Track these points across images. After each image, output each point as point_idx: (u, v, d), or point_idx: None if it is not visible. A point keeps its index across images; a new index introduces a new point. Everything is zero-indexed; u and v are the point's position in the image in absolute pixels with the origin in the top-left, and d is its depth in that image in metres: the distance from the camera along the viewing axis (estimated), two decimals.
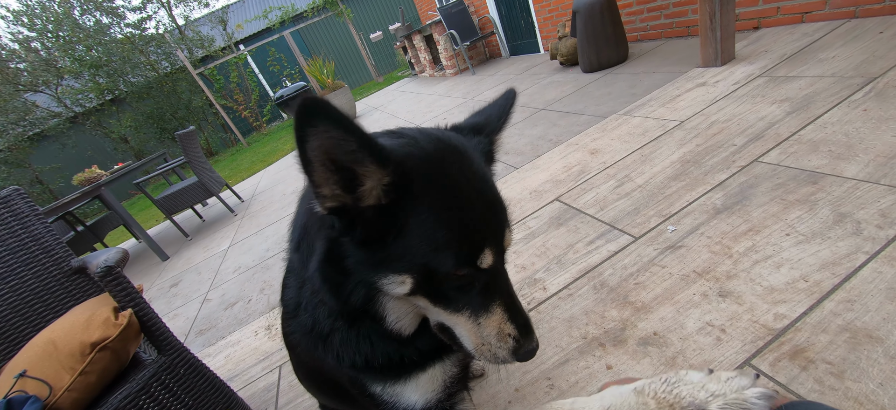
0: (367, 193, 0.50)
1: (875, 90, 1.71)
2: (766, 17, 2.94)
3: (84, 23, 11.81)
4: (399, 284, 0.55)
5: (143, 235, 4.17)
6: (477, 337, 0.60)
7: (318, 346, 0.68)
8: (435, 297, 0.58)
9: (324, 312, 0.67)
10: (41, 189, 12.12)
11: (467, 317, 0.59)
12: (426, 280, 0.55)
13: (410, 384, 0.67)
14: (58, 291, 1.37)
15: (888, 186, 1.24)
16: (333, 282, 0.57)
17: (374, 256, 0.55)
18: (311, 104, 0.40)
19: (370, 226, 0.53)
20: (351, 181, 0.48)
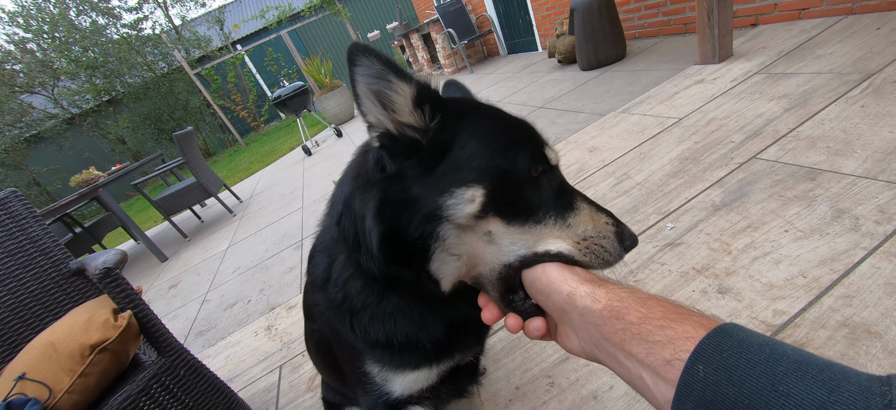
0: (400, 108, 0.52)
1: (872, 86, 1.71)
2: (763, 13, 2.94)
3: (80, 23, 11.77)
4: (468, 202, 0.51)
5: (141, 236, 4.16)
6: (573, 237, 0.54)
7: (346, 321, 0.68)
8: (511, 214, 0.53)
9: (356, 286, 0.66)
10: (38, 191, 12.07)
11: (553, 223, 0.54)
12: (498, 190, 0.52)
13: (399, 376, 0.69)
14: (56, 293, 1.37)
15: (886, 182, 1.25)
16: (390, 227, 0.54)
17: (435, 174, 0.52)
18: (354, 48, 0.49)
19: (421, 149, 0.53)
20: (386, 104, 0.51)
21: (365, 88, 0.50)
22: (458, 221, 0.52)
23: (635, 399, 1.00)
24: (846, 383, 0.27)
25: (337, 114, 7.42)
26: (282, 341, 1.88)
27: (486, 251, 0.55)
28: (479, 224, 0.53)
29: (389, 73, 0.50)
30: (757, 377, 0.30)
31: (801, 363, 0.29)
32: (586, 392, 1.07)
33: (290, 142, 8.34)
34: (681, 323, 0.38)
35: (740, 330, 0.34)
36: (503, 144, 0.53)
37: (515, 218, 0.53)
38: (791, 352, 0.31)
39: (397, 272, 0.59)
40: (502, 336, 1.36)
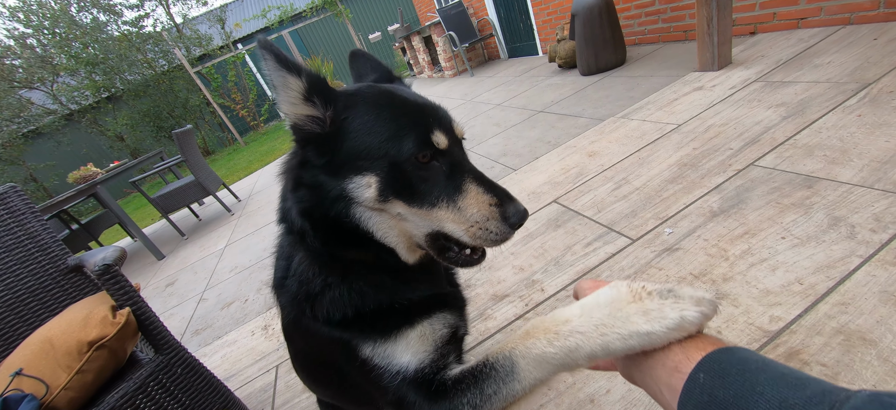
0: (295, 99, 0.57)
1: (869, 96, 1.73)
2: (762, 22, 2.97)
3: (81, 20, 11.75)
4: (365, 187, 0.58)
5: (138, 234, 4.15)
6: (463, 222, 0.60)
7: (306, 310, 0.67)
8: (409, 197, 0.59)
9: (313, 270, 0.67)
10: (35, 187, 12.03)
11: (447, 207, 0.60)
12: (391, 177, 0.58)
13: (401, 342, 0.64)
14: (54, 289, 1.36)
15: (882, 191, 1.26)
16: (307, 200, 0.61)
17: (333, 161, 0.59)
18: (260, 42, 0.55)
19: (321, 139, 0.59)
20: (287, 93, 0.57)
21: (273, 80, 0.55)
22: (366, 204, 0.59)
23: (631, 402, 1.01)
24: (813, 386, 0.31)
25: None
26: (279, 341, 1.88)
27: (406, 226, 0.63)
28: (386, 205, 0.60)
29: (281, 68, 0.54)
30: (743, 383, 0.34)
31: (785, 374, 0.34)
32: (583, 396, 1.07)
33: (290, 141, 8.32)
34: (695, 346, 0.41)
35: (745, 351, 0.38)
36: (390, 133, 0.58)
37: (414, 201, 0.59)
38: (781, 367, 0.35)
39: (342, 251, 0.63)
40: (499, 339, 1.36)
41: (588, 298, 0.49)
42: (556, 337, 0.49)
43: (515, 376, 0.54)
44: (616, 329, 0.44)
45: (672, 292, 0.44)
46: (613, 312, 0.45)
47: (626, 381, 0.50)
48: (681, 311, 0.42)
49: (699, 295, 0.43)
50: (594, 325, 0.46)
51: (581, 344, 0.47)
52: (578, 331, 0.47)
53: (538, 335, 0.52)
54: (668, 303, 0.43)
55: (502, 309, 1.47)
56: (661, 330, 0.42)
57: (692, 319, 0.41)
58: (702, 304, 0.42)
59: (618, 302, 0.46)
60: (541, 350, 0.50)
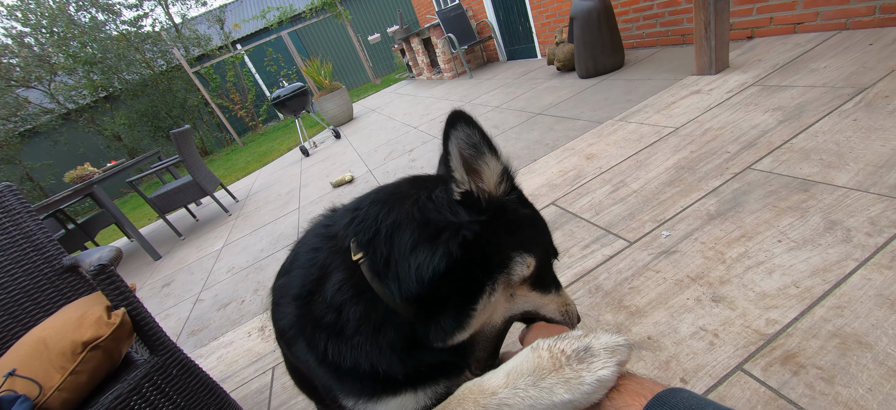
0: (487, 178, 0.60)
1: (865, 100, 1.74)
2: (759, 27, 2.98)
3: (79, 19, 11.72)
4: (526, 266, 0.63)
5: (135, 234, 4.13)
6: (562, 306, 0.73)
7: (320, 343, 0.62)
8: (536, 284, 0.67)
9: (355, 312, 0.60)
10: (31, 186, 11.97)
11: (555, 294, 0.72)
12: (539, 264, 0.65)
13: (379, 406, 0.62)
14: (49, 289, 1.35)
15: (877, 195, 1.27)
16: (456, 261, 0.57)
17: (513, 237, 0.63)
18: (456, 114, 0.57)
19: (498, 213, 0.62)
20: (474, 171, 0.60)
21: (456, 150, 0.57)
22: (512, 279, 0.62)
23: None
24: None
25: (336, 115, 7.42)
26: (275, 342, 1.87)
27: (503, 308, 0.66)
28: (518, 286, 0.65)
29: (483, 142, 0.58)
30: None
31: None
32: None
33: (288, 142, 8.32)
34: (633, 392, 0.43)
35: (676, 394, 0.39)
36: (546, 238, 0.70)
37: (537, 287, 0.68)
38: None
39: (411, 309, 0.59)
40: None
41: (514, 364, 0.50)
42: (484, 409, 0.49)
43: None
44: (541, 401, 0.45)
45: (588, 350, 0.45)
46: (537, 382, 0.46)
47: None
48: (597, 373, 0.44)
49: (614, 344, 0.45)
50: (520, 398, 0.47)
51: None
52: (506, 405, 0.48)
53: (467, 405, 0.51)
54: (584, 366, 0.45)
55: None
56: (582, 398, 0.44)
57: (608, 377, 0.43)
58: (617, 353, 0.45)
59: (540, 370, 0.47)
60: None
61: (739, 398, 0.93)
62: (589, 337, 0.47)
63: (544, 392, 0.45)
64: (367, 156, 4.45)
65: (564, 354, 0.46)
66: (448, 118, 0.56)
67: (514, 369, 0.49)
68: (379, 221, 0.60)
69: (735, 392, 0.94)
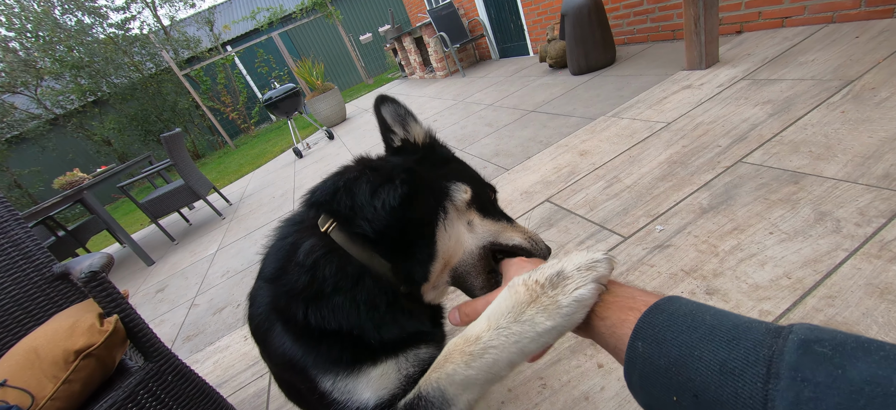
0: (416, 135, 0.79)
1: (852, 93, 1.77)
2: (748, 21, 3.02)
3: (65, 23, 11.53)
4: (463, 192, 0.73)
5: (127, 240, 4.08)
6: (522, 234, 0.76)
7: (299, 313, 0.62)
8: (483, 211, 0.75)
9: (329, 269, 0.62)
10: (20, 193, 11.77)
11: (508, 223, 0.77)
12: (476, 193, 0.75)
13: (362, 379, 0.61)
14: (39, 298, 1.33)
15: (865, 185, 1.29)
16: (411, 191, 0.67)
17: (441, 172, 0.75)
18: (380, 98, 0.78)
19: (429, 154, 0.79)
20: (408, 130, 0.79)
21: (390, 118, 0.78)
22: (456, 204, 0.71)
23: (626, 400, 1.01)
24: (745, 339, 0.31)
25: (328, 116, 7.38)
26: None
27: (467, 237, 0.72)
28: (466, 212, 0.73)
29: (408, 116, 0.79)
30: (680, 345, 0.34)
31: (714, 327, 0.33)
32: (578, 393, 1.08)
33: (281, 144, 8.27)
34: (625, 305, 0.42)
35: (673, 302, 0.38)
36: (473, 173, 0.83)
37: (487, 214, 0.75)
38: (709, 318, 0.35)
39: (379, 250, 0.66)
40: None
41: (491, 308, 0.50)
42: (472, 357, 0.49)
43: (449, 402, 0.53)
44: (525, 334, 0.45)
45: (561, 275, 0.45)
46: (517, 317, 0.46)
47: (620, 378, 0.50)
48: (572, 295, 0.43)
49: (588, 261, 0.45)
50: (505, 336, 0.47)
51: (498, 358, 0.48)
52: (492, 346, 0.48)
53: (455, 358, 0.51)
54: (559, 291, 0.44)
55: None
56: (564, 321, 0.44)
57: (586, 296, 0.43)
58: (593, 270, 0.44)
59: (518, 306, 0.46)
60: (463, 375, 0.51)
61: None
62: (562, 261, 0.46)
63: (526, 325, 0.45)
64: None
65: (539, 284, 0.46)
66: (375, 103, 0.77)
67: (493, 311, 0.49)
68: (335, 185, 0.70)
69: None
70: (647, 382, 0.36)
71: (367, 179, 0.68)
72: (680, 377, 0.33)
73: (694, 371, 0.32)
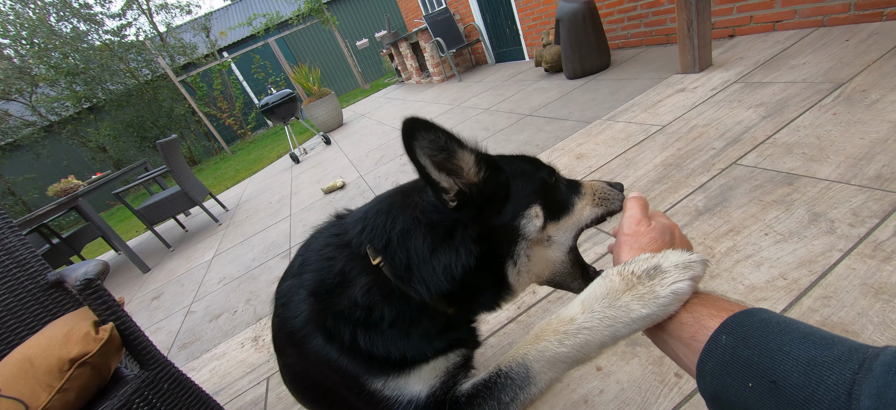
0: (466, 171, 0.62)
1: (843, 95, 1.79)
2: (740, 25, 3.05)
3: (60, 29, 11.49)
4: (535, 217, 0.65)
5: (122, 247, 4.05)
6: (592, 198, 0.73)
7: (345, 333, 0.64)
8: (556, 213, 0.68)
9: (387, 311, 0.64)
10: (13, 200, 11.68)
11: (578, 201, 0.72)
12: (545, 199, 0.67)
13: (413, 375, 0.64)
14: (33, 306, 1.32)
15: (858, 186, 1.30)
16: (479, 255, 0.62)
17: (505, 210, 0.65)
18: (411, 122, 0.54)
19: (487, 197, 0.64)
20: (452, 171, 0.61)
21: (428, 160, 0.58)
22: (530, 237, 0.65)
23: (624, 402, 1.01)
24: (840, 344, 0.32)
25: (325, 121, 7.39)
26: (269, 352, 1.85)
27: (549, 254, 0.69)
28: (542, 233, 0.67)
29: (452, 142, 0.59)
30: (767, 342, 0.35)
31: (810, 334, 0.34)
32: (577, 397, 1.08)
33: (278, 149, 8.26)
34: (707, 312, 0.43)
35: (765, 312, 0.39)
36: (535, 174, 0.70)
37: (559, 215, 0.69)
38: (804, 327, 0.36)
39: (445, 302, 0.65)
40: (493, 342, 1.36)
41: (586, 293, 0.52)
42: (566, 336, 0.51)
43: (531, 380, 0.56)
44: (619, 319, 0.47)
45: (658, 268, 0.47)
46: (612, 303, 0.48)
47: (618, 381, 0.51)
48: (671, 287, 0.45)
49: (685, 261, 0.46)
50: (598, 319, 0.49)
51: (590, 339, 0.50)
52: (585, 328, 0.50)
53: (548, 336, 0.54)
54: (656, 282, 0.46)
55: (494, 312, 1.48)
56: (658, 310, 0.45)
57: (683, 290, 0.45)
58: (690, 268, 0.46)
59: (613, 292, 0.48)
60: (553, 352, 0.53)
61: None
62: (657, 257, 0.48)
63: (621, 310, 0.47)
64: (358, 162, 4.43)
65: (635, 275, 0.48)
66: (404, 129, 0.54)
67: (588, 296, 0.51)
68: (388, 230, 0.65)
69: None
70: (722, 370, 0.38)
71: (423, 235, 0.63)
72: (761, 366, 0.34)
73: (778, 363, 0.33)
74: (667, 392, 1.00)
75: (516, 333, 1.35)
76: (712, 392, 0.39)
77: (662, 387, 1.01)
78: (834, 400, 0.29)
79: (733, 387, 0.36)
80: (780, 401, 0.32)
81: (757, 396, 0.34)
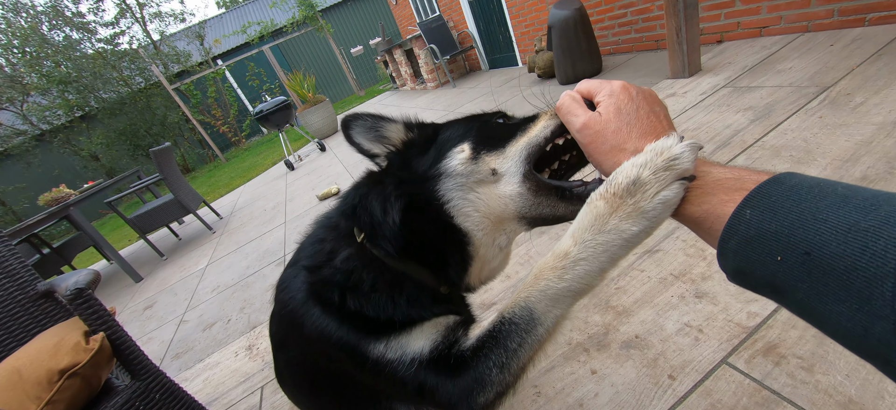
0: (396, 139, 0.72)
1: (828, 98, 1.83)
2: (728, 31, 3.11)
3: (52, 38, 11.44)
4: (459, 152, 0.64)
5: (114, 256, 4.00)
6: (549, 118, 0.66)
7: (335, 297, 0.66)
8: (498, 146, 0.64)
9: (364, 272, 0.66)
10: (3, 210, 11.53)
11: (531, 128, 0.66)
12: (481, 133, 0.66)
13: (414, 332, 0.64)
14: (22, 317, 1.30)
15: None
16: (406, 197, 0.64)
17: (431, 155, 0.67)
18: (346, 118, 0.69)
19: (415, 149, 0.70)
20: (386, 138, 0.71)
21: (362, 139, 0.70)
22: (458, 172, 0.63)
23: (619, 405, 1.02)
24: (886, 204, 0.28)
25: (320, 128, 7.38)
26: (263, 360, 1.83)
27: (501, 188, 0.63)
28: (477, 166, 0.63)
29: (381, 123, 0.70)
30: (801, 211, 0.31)
31: (848, 196, 0.30)
32: (572, 401, 1.08)
33: (273, 156, 8.23)
34: (726, 190, 0.40)
35: (795, 177, 0.35)
36: (470, 123, 0.71)
37: (502, 144, 0.64)
38: (842, 189, 0.31)
39: (414, 260, 0.65)
40: None
41: (574, 226, 0.50)
42: (564, 270, 0.51)
43: (537, 321, 0.55)
44: (613, 243, 0.46)
45: (638, 182, 0.44)
46: (601, 228, 0.47)
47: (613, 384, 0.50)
48: (657, 198, 0.43)
49: (665, 161, 0.42)
50: (592, 248, 0.48)
51: (589, 269, 0.49)
52: (581, 259, 0.49)
53: (546, 275, 0.53)
54: (639, 197, 0.44)
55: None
56: (651, 223, 0.44)
57: (671, 197, 0.42)
58: (673, 168, 0.42)
59: (600, 218, 0.47)
60: (555, 288, 0.52)
61: (725, 391, 0.95)
62: (635, 166, 0.44)
63: (612, 234, 0.46)
64: (353, 168, 4.43)
65: (616, 196, 0.45)
66: (342, 125, 0.69)
67: (576, 228, 0.50)
68: (355, 199, 0.70)
69: (721, 386, 0.96)
70: (746, 246, 0.34)
71: (374, 197, 0.66)
72: (793, 238, 0.30)
73: (812, 232, 0.29)
74: (661, 394, 1.00)
75: None
76: (734, 268, 0.36)
77: (657, 390, 1.01)
78: (881, 267, 0.25)
79: (758, 262, 0.33)
80: (816, 273, 0.29)
81: (788, 268, 0.30)
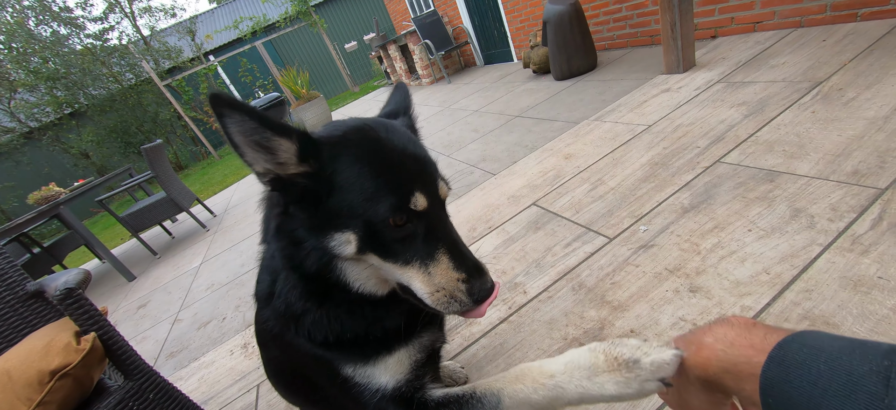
0: (286, 161, 0.57)
1: (821, 93, 1.84)
2: (722, 26, 3.12)
3: (39, 34, 11.21)
4: (345, 243, 0.60)
5: (106, 255, 3.96)
6: (430, 286, 0.61)
7: (291, 327, 0.71)
8: (384, 252, 0.61)
9: (296, 294, 0.70)
10: None
11: (418, 269, 0.61)
12: (369, 234, 0.59)
13: (379, 365, 0.69)
14: (11, 318, 1.28)
15: (837, 182, 1.34)
16: (289, 253, 0.64)
17: (316, 218, 0.60)
18: (216, 98, 0.50)
19: (306, 192, 0.60)
20: (273, 155, 0.57)
21: (242, 138, 0.54)
22: (346, 255, 0.61)
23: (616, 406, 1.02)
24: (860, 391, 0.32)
25: (315, 125, 7.33)
26: (259, 359, 1.82)
27: (382, 273, 0.66)
28: (363, 258, 0.62)
29: (265, 129, 0.54)
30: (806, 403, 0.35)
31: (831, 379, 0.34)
32: None
33: None
34: None
35: (784, 348, 0.39)
36: (370, 192, 0.58)
37: (388, 256, 0.61)
38: (824, 367, 0.35)
39: (326, 287, 0.67)
40: (484, 343, 1.36)
41: (571, 357, 0.58)
42: (542, 387, 0.58)
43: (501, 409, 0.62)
44: (591, 390, 0.54)
45: (637, 363, 0.52)
46: (591, 376, 0.54)
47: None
48: (642, 384, 0.51)
49: (661, 361, 0.51)
50: (574, 385, 0.55)
51: (561, 396, 0.57)
52: (561, 386, 0.56)
53: (526, 381, 0.60)
54: (632, 375, 0.52)
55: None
56: (626, 395, 0.52)
57: (651, 390, 0.51)
58: (661, 370, 0.50)
59: (595, 368, 0.54)
60: (526, 395, 0.59)
61: None
62: (641, 351, 0.52)
63: (595, 385, 0.54)
64: None
65: (617, 361, 0.53)
66: (213, 106, 0.50)
67: (572, 360, 0.57)
68: (265, 221, 0.73)
69: None
70: None
71: (279, 255, 0.68)
72: None
73: None
74: (656, 397, 1.01)
75: (508, 333, 1.35)
76: None
77: None
78: None
79: None
80: None
81: None
